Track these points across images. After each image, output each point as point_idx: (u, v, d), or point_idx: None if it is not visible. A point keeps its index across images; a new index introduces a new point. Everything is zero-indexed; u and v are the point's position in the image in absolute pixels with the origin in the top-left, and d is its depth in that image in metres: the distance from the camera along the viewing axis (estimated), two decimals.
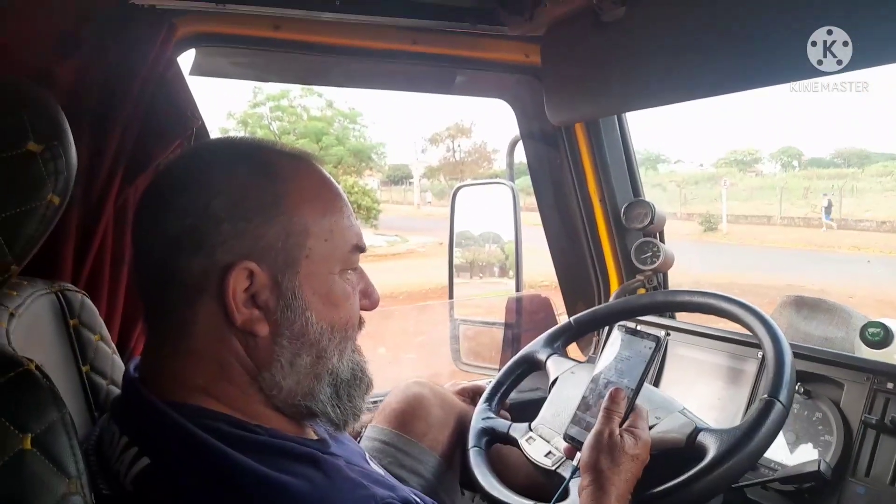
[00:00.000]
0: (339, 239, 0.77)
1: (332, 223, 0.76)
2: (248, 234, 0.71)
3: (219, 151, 0.81)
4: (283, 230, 0.72)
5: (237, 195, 0.71)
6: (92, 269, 1.18)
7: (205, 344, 0.72)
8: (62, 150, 0.67)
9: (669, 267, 1.82)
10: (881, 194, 19.12)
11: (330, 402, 0.78)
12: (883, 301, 8.13)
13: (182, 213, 0.71)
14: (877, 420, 1.15)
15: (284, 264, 0.72)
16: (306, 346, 0.75)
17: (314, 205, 0.75)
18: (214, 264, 0.70)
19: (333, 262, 0.76)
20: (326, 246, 0.75)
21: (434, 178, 26.90)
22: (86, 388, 0.93)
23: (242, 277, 0.70)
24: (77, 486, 0.63)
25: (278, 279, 0.72)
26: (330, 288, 0.76)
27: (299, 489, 0.66)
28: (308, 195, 0.75)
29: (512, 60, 1.71)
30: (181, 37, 1.31)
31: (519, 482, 1.17)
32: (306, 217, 0.74)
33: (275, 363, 0.74)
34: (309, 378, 0.76)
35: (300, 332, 0.74)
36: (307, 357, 0.75)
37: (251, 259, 0.70)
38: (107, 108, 1.19)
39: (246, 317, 0.71)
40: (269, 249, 0.72)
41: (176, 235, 0.71)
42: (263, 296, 0.72)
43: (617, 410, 1.02)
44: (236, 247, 0.70)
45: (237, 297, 0.70)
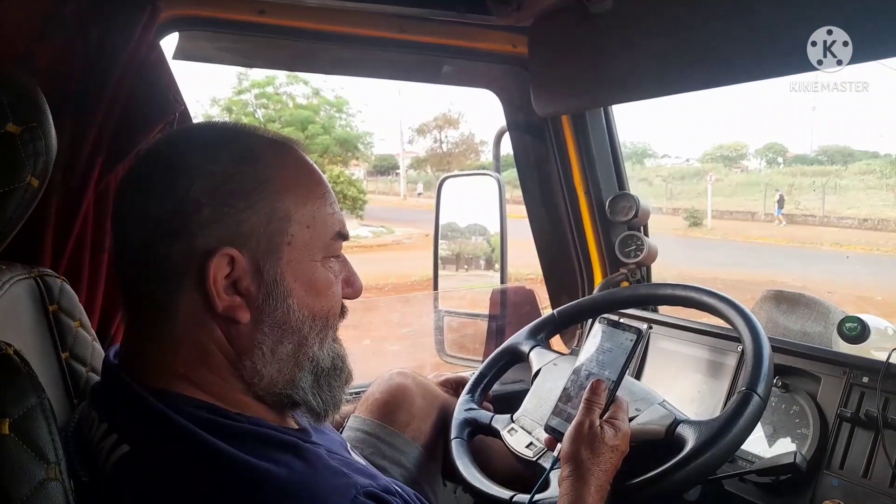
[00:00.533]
0: (322, 226, 0.76)
1: (314, 210, 0.76)
2: (230, 219, 0.70)
3: (200, 136, 0.80)
4: (265, 216, 0.72)
5: (218, 180, 0.71)
6: (72, 255, 1.17)
7: (185, 330, 0.72)
8: (41, 131, 0.66)
9: (653, 260, 1.83)
10: (864, 192, 19.33)
11: (311, 391, 0.78)
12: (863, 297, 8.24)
13: (162, 198, 0.70)
14: (852, 413, 1.17)
15: (266, 251, 0.72)
16: (288, 333, 0.75)
17: (296, 191, 0.75)
18: (195, 250, 0.69)
19: (315, 249, 0.76)
20: (308, 233, 0.75)
21: (421, 169, 26.82)
22: (65, 374, 0.92)
23: (223, 263, 0.70)
24: (56, 472, 0.63)
25: (260, 265, 0.72)
26: (312, 275, 0.76)
27: (279, 476, 0.66)
28: (290, 181, 0.75)
29: (499, 50, 1.71)
30: (164, 20, 1.29)
31: (500, 473, 1.18)
32: (288, 203, 0.73)
33: (256, 350, 0.73)
34: (290, 366, 0.76)
35: (282, 319, 0.74)
36: (288, 344, 0.75)
37: (232, 245, 0.70)
38: (88, 91, 1.17)
39: (227, 303, 0.71)
40: (251, 235, 0.71)
41: (156, 221, 0.70)
42: (245, 282, 0.71)
43: (597, 402, 1.03)
44: (217, 232, 0.70)
45: (218, 284, 0.70)
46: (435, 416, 1.31)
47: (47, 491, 0.62)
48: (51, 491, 0.62)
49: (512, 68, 1.77)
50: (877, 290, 8.37)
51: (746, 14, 1.18)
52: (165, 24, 1.32)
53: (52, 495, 0.62)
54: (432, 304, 2.19)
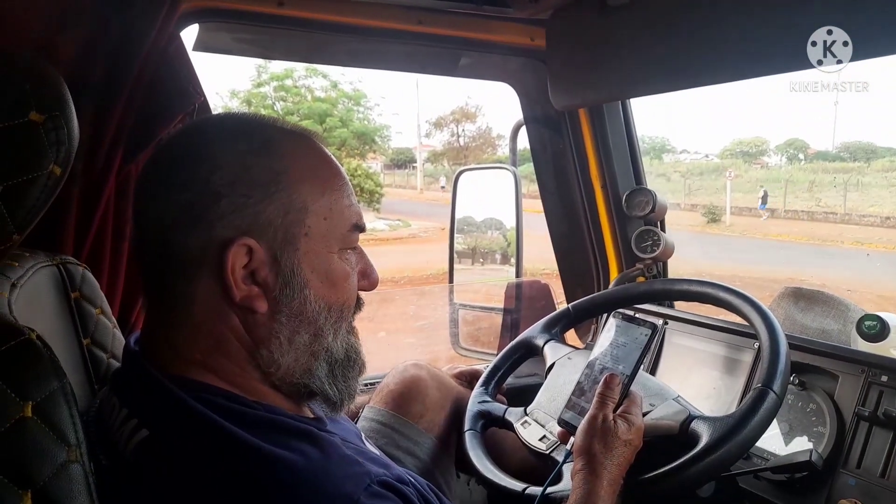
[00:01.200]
0: (339, 218, 0.77)
1: (331, 202, 0.76)
2: (248, 209, 0.71)
3: (219, 127, 0.81)
4: (283, 207, 0.72)
5: (237, 171, 0.71)
6: (93, 243, 1.19)
7: (203, 319, 0.73)
8: (64, 120, 0.67)
9: (669, 256, 1.82)
10: (886, 189, 19.03)
11: (327, 380, 0.78)
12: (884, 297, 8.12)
13: (182, 188, 0.71)
14: (870, 412, 1.15)
15: (283, 241, 0.73)
16: (304, 323, 0.75)
17: (314, 183, 0.75)
18: (213, 240, 0.70)
19: (332, 240, 0.76)
20: (325, 224, 0.75)
21: (438, 163, 26.82)
22: (86, 360, 0.93)
23: (241, 253, 0.71)
24: (77, 455, 0.64)
25: (277, 256, 0.72)
26: (328, 267, 0.76)
27: (294, 463, 0.66)
28: (308, 173, 0.75)
29: (517, 43, 1.70)
30: (185, 11, 1.31)
31: (513, 465, 1.19)
32: (305, 195, 0.74)
33: (273, 340, 0.74)
34: (306, 356, 0.77)
35: (298, 309, 0.75)
36: (305, 334, 0.76)
37: (250, 235, 0.71)
38: (109, 81, 1.18)
39: (245, 293, 0.72)
40: (269, 226, 0.72)
41: (175, 210, 0.71)
42: (262, 272, 0.72)
43: (611, 396, 1.03)
44: (235, 222, 0.70)
45: (236, 273, 0.71)
46: (449, 407, 1.32)
47: (68, 473, 0.63)
48: (72, 473, 0.63)
49: (529, 61, 1.76)
50: None
51: (764, 7, 1.16)
52: (185, 15, 1.33)
53: (74, 477, 0.63)
54: (447, 297, 2.20)
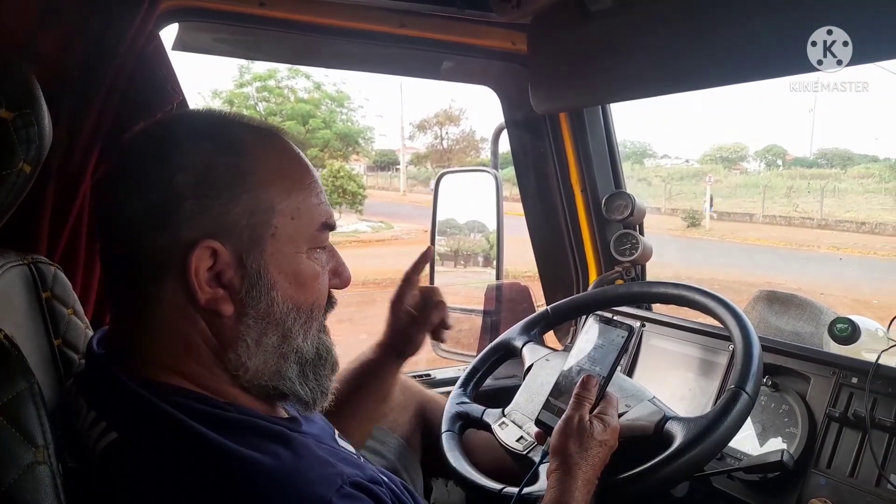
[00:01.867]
0: (307, 217, 0.76)
1: (299, 201, 0.75)
2: (212, 211, 0.70)
3: (185, 125, 0.79)
4: (248, 208, 0.71)
5: (201, 171, 0.70)
6: (67, 243, 1.17)
7: (169, 322, 0.72)
8: (35, 117, 0.67)
9: (647, 259, 1.84)
10: (862, 195, 19.36)
11: (298, 381, 0.78)
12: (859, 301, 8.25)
13: (146, 189, 0.70)
14: (840, 413, 1.18)
15: (249, 243, 0.72)
16: (272, 325, 0.74)
17: (282, 182, 0.74)
18: (177, 242, 0.69)
19: (300, 240, 0.75)
20: (293, 224, 0.74)
21: (421, 165, 26.82)
22: (57, 361, 0.92)
23: (205, 256, 0.70)
24: (44, 456, 0.63)
25: (243, 258, 0.71)
26: (297, 267, 0.75)
27: (266, 465, 0.66)
28: (275, 172, 0.74)
29: (498, 47, 1.71)
30: (164, 10, 1.30)
31: (488, 466, 1.19)
32: (272, 195, 0.73)
33: (240, 342, 0.73)
34: (275, 357, 0.76)
35: (266, 311, 0.74)
36: (273, 336, 0.75)
37: (215, 237, 0.70)
38: (87, 80, 1.17)
39: (210, 296, 0.71)
40: (234, 227, 0.71)
41: (139, 211, 0.70)
42: (228, 274, 0.71)
43: (587, 397, 1.04)
44: (200, 224, 0.69)
45: (200, 276, 0.70)
46: (412, 409, 1.36)
47: (35, 474, 0.62)
48: (39, 474, 0.62)
49: (511, 65, 1.77)
50: (873, 293, 8.39)
51: (746, 14, 1.18)
52: (165, 14, 1.32)
53: (40, 478, 0.62)
54: None
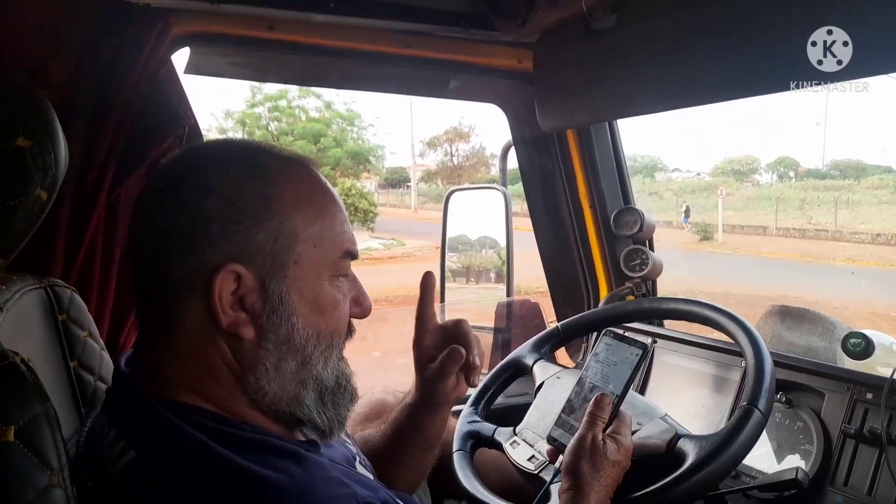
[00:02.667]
0: (329, 245, 0.77)
1: (322, 229, 0.76)
2: (238, 236, 0.71)
3: (215, 152, 0.81)
4: (273, 234, 0.73)
5: (229, 197, 0.72)
6: (82, 266, 1.19)
7: (191, 343, 0.73)
8: (51, 145, 0.68)
9: (658, 275, 1.83)
10: (876, 207, 19.20)
11: (315, 409, 0.78)
12: (877, 314, 8.15)
13: (175, 212, 0.72)
14: (856, 430, 1.16)
15: (272, 268, 0.73)
16: (291, 351, 0.75)
17: (306, 210, 0.76)
18: (203, 264, 0.70)
19: (322, 268, 0.77)
20: (316, 252, 0.76)
21: (432, 182, 26.93)
22: (73, 383, 0.94)
23: (230, 280, 0.71)
24: (59, 479, 0.64)
25: (266, 283, 0.73)
26: (318, 294, 0.77)
27: (278, 482, 0.66)
28: (300, 200, 0.76)
29: (505, 66, 1.73)
30: (176, 35, 1.32)
31: (497, 486, 1.18)
32: (297, 222, 0.74)
33: (259, 367, 0.74)
34: (294, 384, 0.76)
35: (286, 337, 0.74)
36: (292, 362, 0.76)
37: (239, 262, 0.71)
38: (100, 104, 1.20)
39: (232, 319, 0.72)
40: (258, 253, 0.72)
41: (167, 233, 0.72)
42: (251, 299, 0.72)
43: (601, 416, 1.03)
44: (225, 248, 0.71)
45: (223, 299, 0.71)
46: None
47: (50, 498, 0.63)
48: (53, 498, 0.63)
49: (517, 83, 1.79)
50: (892, 306, 8.28)
51: (748, 30, 1.18)
52: (177, 39, 1.35)
53: (55, 502, 0.63)
54: (440, 317, 2.19)
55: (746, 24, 1.18)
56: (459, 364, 1.03)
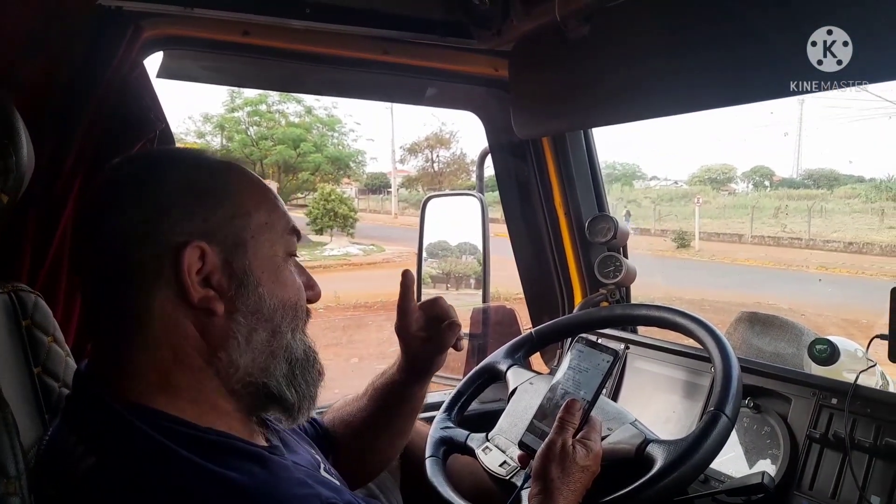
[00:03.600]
0: (277, 223, 0.81)
1: (268, 209, 0.81)
2: (198, 216, 0.74)
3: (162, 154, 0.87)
4: (229, 212, 0.76)
5: (183, 184, 0.76)
6: (49, 271, 1.17)
7: (160, 332, 0.73)
8: (13, 148, 0.67)
9: (631, 281, 1.85)
10: (849, 216, 19.55)
11: (286, 381, 0.80)
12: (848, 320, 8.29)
13: (130, 208, 0.73)
14: (821, 435, 1.18)
15: (233, 244, 0.76)
16: (262, 321, 0.78)
17: (251, 194, 0.80)
18: (167, 247, 0.72)
19: (276, 243, 0.80)
20: (267, 228, 0.80)
21: (412, 188, 26.92)
22: (36, 389, 0.92)
23: (195, 256, 0.73)
24: (15, 487, 0.63)
25: (228, 258, 0.75)
26: (276, 267, 0.80)
27: (240, 483, 0.66)
28: (245, 185, 0.80)
29: (481, 73, 1.74)
30: (148, 39, 1.32)
31: (469, 492, 1.18)
32: (247, 201, 0.79)
33: (231, 340, 0.76)
34: (265, 355, 0.78)
35: (255, 307, 0.77)
36: (262, 332, 0.78)
37: (202, 239, 0.73)
38: (70, 108, 1.19)
39: (202, 294, 0.73)
40: (218, 230, 0.75)
41: (125, 228, 0.72)
42: (216, 276, 0.74)
43: (571, 421, 1.04)
44: (187, 229, 0.73)
45: (192, 275, 0.72)
46: None
47: None
48: None
49: (493, 91, 1.80)
50: (862, 313, 8.43)
51: (720, 41, 1.19)
52: (149, 43, 1.34)
53: None
54: None
55: (720, 33, 1.18)
56: (457, 334, 1.12)
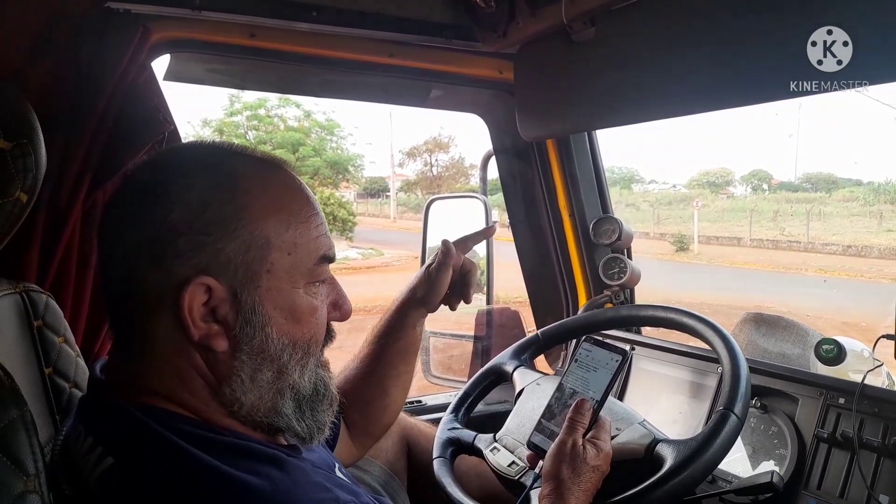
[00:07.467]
0: (304, 252, 0.75)
1: (296, 235, 0.75)
2: (207, 247, 0.70)
3: (184, 159, 0.79)
4: (244, 244, 0.71)
5: (197, 207, 0.70)
6: (58, 271, 1.17)
7: (165, 354, 0.72)
8: (31, 148, 0.68)
9: (636, 283, 1.85)
10: (847, 219, 19.60)
11: (294, 417, 0.77)
12: (848, 323, 8.30)
13: (142, 225, 0.70)
14: (828, 434, 1.19)
15: (244, 279, 0.71)
16: (267, 361, 0.74)
17: (279, 217, 0.74)
18: (171, 278, 0.69)
19: (297, 275, 0.75)
20: (290, 259, 0.74)
21: (411, 192, 26.94)
22: (48, 389, 0.92)
23: (199, 292, 0.69)
24: (35, 485, 0.63)
25: (238, 294, 0.71)
26: (293, 302, 0.75)
27: (261, 488, 0.66)
28: (272, 207, 0.74)
29: (486, 76, 1.75)
30: (156, 42, 1.32)
31: (476, 493, 1.18)
32: (268, 230, 0.72)
33: (234, 378, 0.73)
34: (271, 393, 0.75)
35: (260, 347, 0.73)
36: (268, 372, 0.74)
37: (209, 273, 0.70)
38: (78, 110, 1.19)
39: (203, 332, 0.71)
40: (229, 264, 0.70)
41: (135, 246, 0.70)
42: (223, 310, 0.71)
43: (581, 421, 1.04)
44: (194, 260, 0.69)
45: (194, 312, 0.70)
46: (395, 435, 1.36)
47: (26, 503, 0.62)
48: (29, 503, 0.62)
49: (498, 93, 1.81)
50: (861, 316, 8.44)
51: (723, 42, 1.20)
52: (157, 45, 1.34)
53: None
54: None
55: (724, 34, 1.20)
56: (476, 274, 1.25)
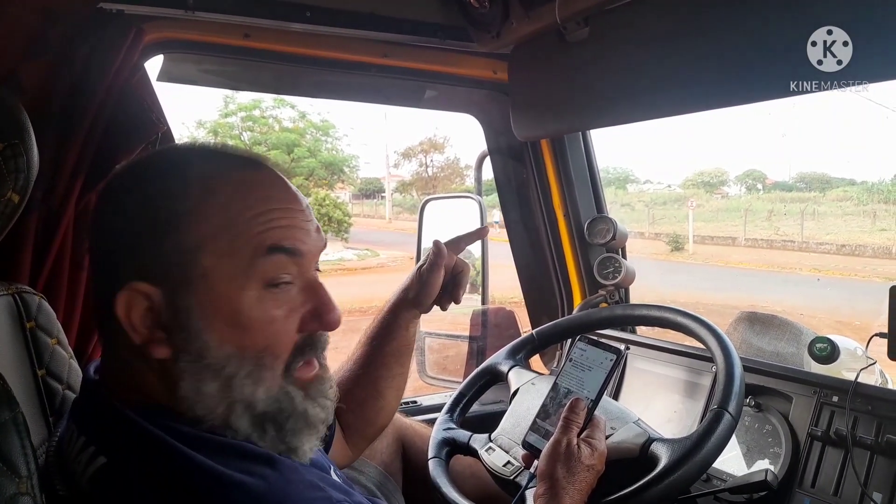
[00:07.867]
0: (248, 251, 0.70)
1: (236, 235, 0.70)
2: (146, 251, 0.70)
3: (154, 165, 0.78)
4: (174, 249, 0.69)
5: (138, 216, 0.70)
6: (51, 273, 1.17)
7: (128, 357, 0.73)
8: (23, 148, 0.67)
9: (631, 282, 1.86)
10: (841, 218, 19.65)
11: (255, 434, 0.73)
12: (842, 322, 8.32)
13: (101, 232, 0.74)
14: (822, 432, 1.19)
15: (178, 284, 0.70)
16: (209, 371, 0.70)
17: (221, 218, 0.70)
18: (112, 285, 0.70)
19: (243, 279, 0.70)
20: (230, 263, 0.70)
21: (406, 193, 26.93)
22: (41, 391, 0.92)
23: (137, 298, 0.69)
24: (27, 486, 0.63)
25: (172, 299, 0.70)
26: (237, 309, 0.70)
27: (255, 487, 0.66)
28: (216, 208, 0.71)
29: (480, 76, 1.75)
30: (149, 42, 1.32)
31: (471, 493, 1.18)
32: (204, 233, 0.70)
33: (182, 386, 0.70)
34: (222, 406, 0.71)
35: (198, 356, 0.70)
36: (212, 383, 0.70)
37: (146, 279, 0.69)
38: (71, 110, 1.18)
39: (144, 337, 0.70)
40: (161, 269, 0.69)
41: (95, 252, 0.74)
42: (165, 316, 0.70)
43: (576, 420, 1.04)
44: (130, 267, 0.70)
45: (133, 318, 0.69)
46: (390, 435, 1.37)
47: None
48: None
49: (492, 93, 1.81)
50: (855, 315, 8.46)
51: (720, 41, 1.21)
52: (150, 46, 1.34)
53: None
54: None
55: (718, 34, 1.20)
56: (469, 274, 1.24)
